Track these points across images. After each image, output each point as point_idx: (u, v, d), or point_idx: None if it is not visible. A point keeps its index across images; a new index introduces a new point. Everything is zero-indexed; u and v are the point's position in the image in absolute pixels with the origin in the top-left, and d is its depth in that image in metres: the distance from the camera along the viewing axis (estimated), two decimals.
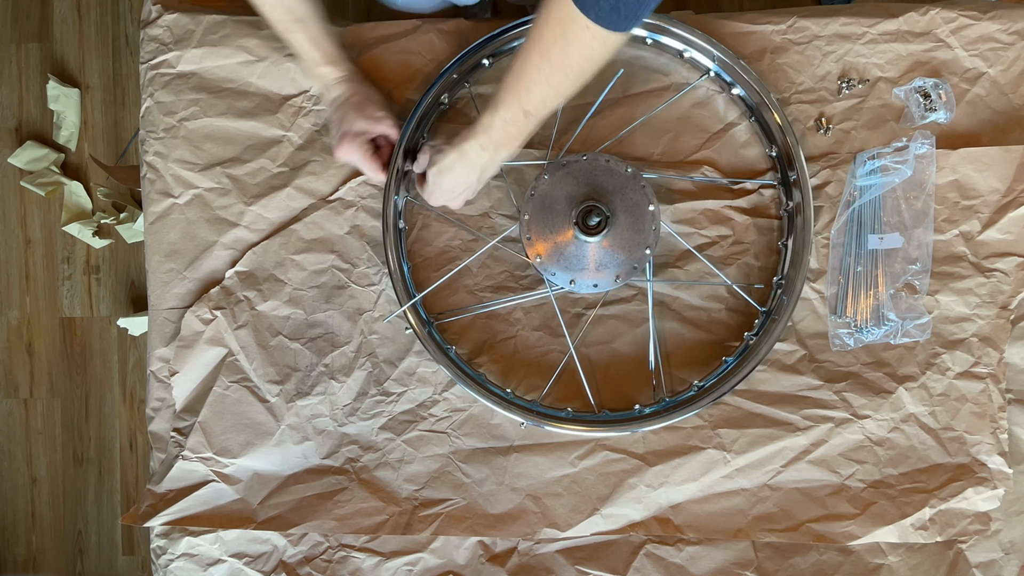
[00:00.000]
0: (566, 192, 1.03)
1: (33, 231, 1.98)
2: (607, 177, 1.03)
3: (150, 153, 1.11)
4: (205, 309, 1.08)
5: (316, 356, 1.09)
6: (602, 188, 1.03)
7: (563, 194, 1.03)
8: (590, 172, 1.03)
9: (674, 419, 1.02)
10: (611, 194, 1.02)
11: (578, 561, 1.06)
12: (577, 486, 1.06)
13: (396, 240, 1.06)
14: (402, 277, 1.06)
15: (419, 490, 1.07)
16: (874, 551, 1.05)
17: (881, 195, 1.04)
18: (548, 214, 1.03)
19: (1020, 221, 1.04)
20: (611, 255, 1.02)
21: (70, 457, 1.98)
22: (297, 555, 1.08)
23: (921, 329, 1.04)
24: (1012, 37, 1.06)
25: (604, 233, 1.01)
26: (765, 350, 1.02)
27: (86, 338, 1.98)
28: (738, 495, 1.05)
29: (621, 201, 1.02)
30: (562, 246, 1.03)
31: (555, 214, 1.03)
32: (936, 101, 1.05)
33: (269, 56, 1.10)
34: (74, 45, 1.98)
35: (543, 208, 1.03)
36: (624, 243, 1.02)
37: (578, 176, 1.03)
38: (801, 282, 1.03)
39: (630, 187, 1.03)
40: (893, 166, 1.03)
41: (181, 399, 1.08)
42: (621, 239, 1.02)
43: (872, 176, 1.04)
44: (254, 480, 1.08)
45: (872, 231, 1.05)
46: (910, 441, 1.05)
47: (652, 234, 1.02)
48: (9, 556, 1.99)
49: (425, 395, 1.08)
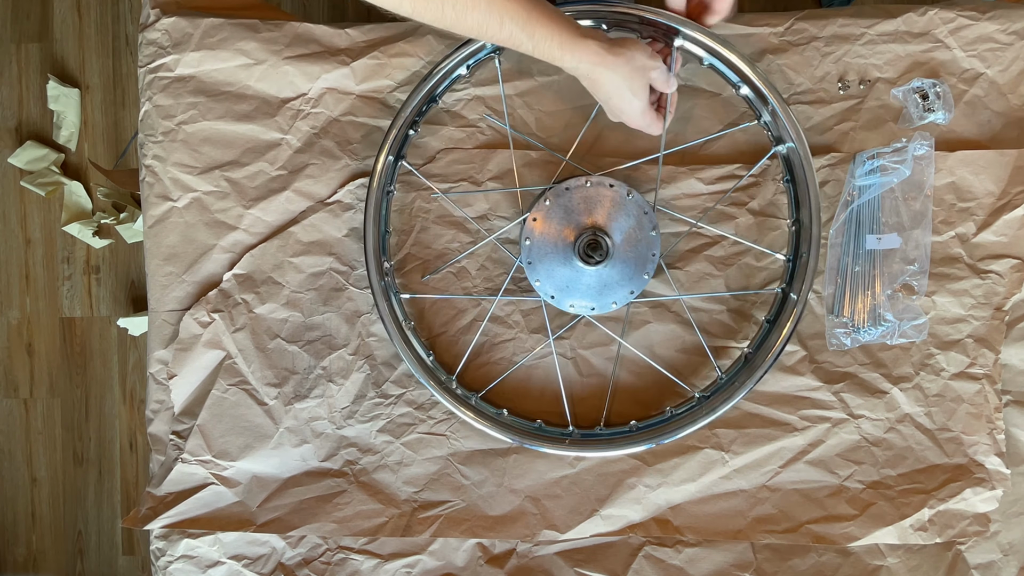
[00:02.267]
0: (569, 220, 1.03)
1: (33, 231, 1.98)
2: (610, 203, 1.03)
3: (149, 157, 1.11)
4: (203, 312, 1.08)
5: (314, 359, 1.09)
6: (605, 215, 1.03)
7: (566, 222, 1.03)
8: (593, 197, 1.03)
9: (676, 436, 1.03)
10: (613, 221, 1.03)
11: (577, 563, 1.07)
12: (576, 487, 1.06)
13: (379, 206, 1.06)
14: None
15: (418, 492, 1.07)
16: (873, 552, 1.05)
17: (880, 196, 1.04)
18: (550, 241, 1.03)
19: (1015, 223, 1.05)
20: (611, 283, 1.03)
21: (70, 457, 1.99)
22: (296, 557, 1.08)
23: (918, 330, 1.04)
24: (1011, 37, 1.06)
25: (605, 264, 1.02)
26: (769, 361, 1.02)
27: (86, 338, 1.98)
28: (737, 496, 1.06)
29: (623, 229, 1.03)
30: (563, 274, 1.03)
31: (557, 242, 1.03)
32: (934, 102, 1.05)
33: (267, 59, 1.10)
34: (74, 45, 1.98)
35: (545, 235, 1.04)
36: (624, 272, 1.03)
37: (581, 202, 1.04)
38: (768, 363, 1.02)
39: (633, 213, 1.03)
40: (892, 166, 1.03)
41: (180, 402, 1.09)
42: (622, 268, 1.03)
43: (871, 176, 1.04)
44: (253, 483, 1.08)
45: (871, 231, 1.05)
46: (907, 442, 1.05)
47: (652, 261, 1.03)
48: (9, 556, 1.99)
49: (424, 397, 1.08)
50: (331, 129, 1.10)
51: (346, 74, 1.09)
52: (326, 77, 1.09)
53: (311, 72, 1.09)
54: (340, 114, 1.10)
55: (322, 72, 1.09)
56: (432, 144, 1.10)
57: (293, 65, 1.09)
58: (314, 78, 1.09)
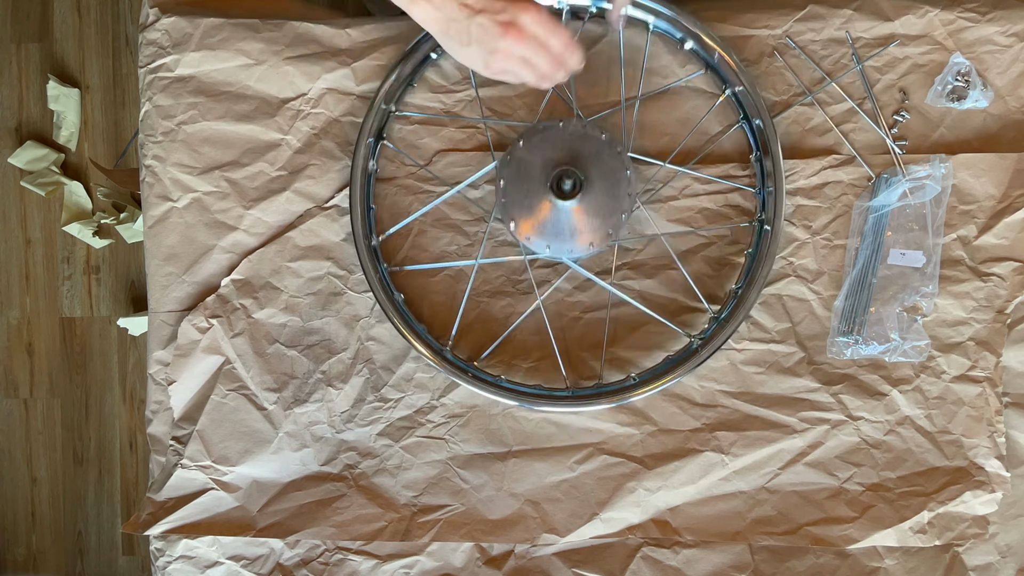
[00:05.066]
0: (542, 157, 1.02)
1: (33, 231, 1.99)
2: (583, 143, 1.02)
3: (149, 157, 1.11)
4: (201, 318, 1.08)
5: (313, 363, 1.09)
6: (578, 154, 1.02)
7: (539, 159, 1.02)
8: (566, 138, 1.02)
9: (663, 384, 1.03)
10: (587, 159, 1.01)
11: (575, 564, 1.07)
12: (576, 491, 1.06)
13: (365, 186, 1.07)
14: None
15: (418, 496, 1.07)
16: (871, 554, 1.05)
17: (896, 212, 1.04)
18: (524, 179, 1.02)
19: (1016, 226, 1.05)
20: (586, 221, 1.01)
21: (70, 457, 1.99)
22: (294, 558, 1.08)
23: (918, 351, 1.04)
24: (1010, 39, 1.06)
25: (578, 198, 1.00)
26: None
27: (86, 338, 1.98)
28: (736, 498, 1.06)
29: (597, 167, 1.01)
30: (537, 211, 1.02)
31: (531, 179, 1.02)
32: (966, 89, 1.04)
33: (267, 60, 1.10)
34: (74, 45, 1.99)
35: (519, 173, 1.02)
36: (599, 209, 1.01)
37: (554, 142, 1.02)
38: (755, 296, 1.03)
39: (606, 153, 1.02)
40: (916, 184, 1.03)
41: (179, 408, 1.09)
42: (596, 205, 1.01)
43: (892, 194, 1.04)
44: (253, 488, 1.08)
45: (893, 246, 1.04)
46: (907, 444, 1.05)
47: (627, 199, 1.02)
48: (9, 556, 2.00)
49: (423, 401, 1.08)
50: (331, 130, 1.10)
51: (347, 75, 1.09)
52: (326, 77, 1.09)
53: (311, 72, 1.09)
54: (340, 115, 1.10)
55: (322, 72, 1.09)
56: (432, 145, 1.10)
57: (293, 65, 1.09)
58: (314, 78, 1.09)
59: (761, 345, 1.06)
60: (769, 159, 1.04)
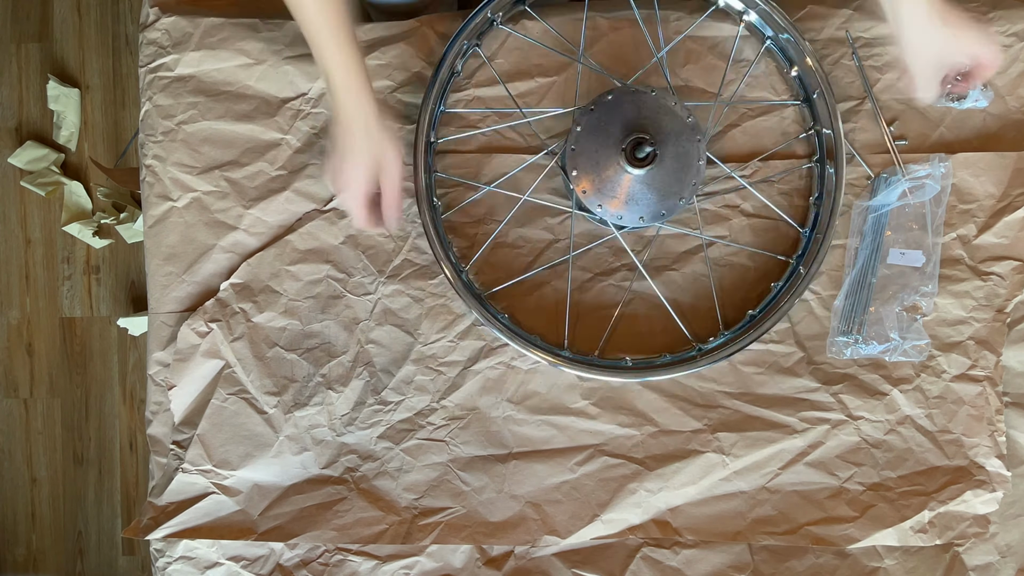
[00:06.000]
0: (624, 118, 1.01)
1: (33, 231, 1.98)
2: (668, 119, 1.01)
3: (149, 156, 1.11)
4: (201, 322, 1.08)
5: (313, 366, 1.09)
6: (660, 127, 1.00)
7: (620, 119, 1.01)
8: (654, 108, 1.01)
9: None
10: (666, 135, 1.00)
11: (575, 564, 1.07)
12: (577, 492, 1.06)
13: (432, 214, 1.06)
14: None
15: (418, 499, 1.07)
16: (871, 554, 1.05)
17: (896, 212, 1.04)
18: (600, 133, 1.01)
19: (1015, 225, 1.05)
20: (646, 193, 1.01)
21: (70, 457, 1.99)
22: (294, 559, 1.08)
23: (918, 351, 1.04)
24: (1011, 39, 1.06)
25: (647, 169, 0.99)
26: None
27: (86, 338, 1.98)
28: (736, 498, 1.06)
29: (674, 146, 1.00)
30: (603, 169, 1.01)
31: (607, 136, 1.00)
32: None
33: (267, 59, 1.09)
34: (74, 45, 1.98)
35: (597, 126, 1.01)
36: (662, 187, 1.00)
37: (641, 108, 1.01)
38: (769, 326, 1.04)
39: (686, 136, 1.00)
40: (917, 183, 1.03)
41: (179, 412, 1.08)
42: (661, 181, 1.00)
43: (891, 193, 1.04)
44: (254, 491, 1.08)
45: (893, 246, 1.04)
46: (907, 443, 1.05)
47: (690, 188, 1.01)
48: (9, 556, 2.00)
49: (423, 403, 1.08)
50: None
51: None
52: None
53: (311, 72, 1.09)
54: None
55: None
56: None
57: (293, 65, 1.09)
58: (314, 78, 1.09)
59: (761, 345, 1.06)
60: (826, 205, 1.05)
